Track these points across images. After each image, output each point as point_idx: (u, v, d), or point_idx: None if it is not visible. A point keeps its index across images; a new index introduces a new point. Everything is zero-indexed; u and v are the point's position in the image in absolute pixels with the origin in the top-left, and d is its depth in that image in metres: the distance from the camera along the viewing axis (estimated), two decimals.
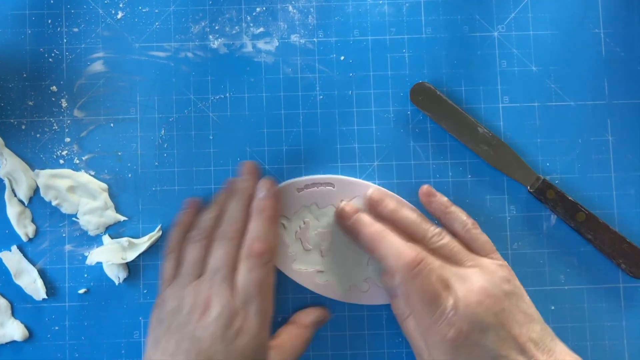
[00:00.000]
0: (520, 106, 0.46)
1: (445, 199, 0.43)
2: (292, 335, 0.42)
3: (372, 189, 0.43)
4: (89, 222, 0.44)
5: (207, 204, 0.43)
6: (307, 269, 0.44)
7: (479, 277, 0.38)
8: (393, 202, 0.43)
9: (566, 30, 0.46)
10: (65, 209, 0.45)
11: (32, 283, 0.44)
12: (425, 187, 0.43)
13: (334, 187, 0.44)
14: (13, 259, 0.44)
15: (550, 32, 0.46)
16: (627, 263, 0.44)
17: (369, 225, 0.41)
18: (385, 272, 0.41)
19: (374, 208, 0.43)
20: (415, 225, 0.41)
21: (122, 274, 0.44)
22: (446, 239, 0.41)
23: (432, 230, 0.41)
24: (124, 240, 0.44)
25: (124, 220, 0.44)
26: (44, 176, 0.44)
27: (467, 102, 0.46)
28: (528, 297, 0.40)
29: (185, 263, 0.41)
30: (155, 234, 0.44)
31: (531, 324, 0.38)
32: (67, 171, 0.45)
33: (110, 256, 0.44)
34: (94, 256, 0.44)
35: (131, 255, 0.44)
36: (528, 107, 0.46)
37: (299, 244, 0.44)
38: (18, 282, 0.44)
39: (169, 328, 0.38)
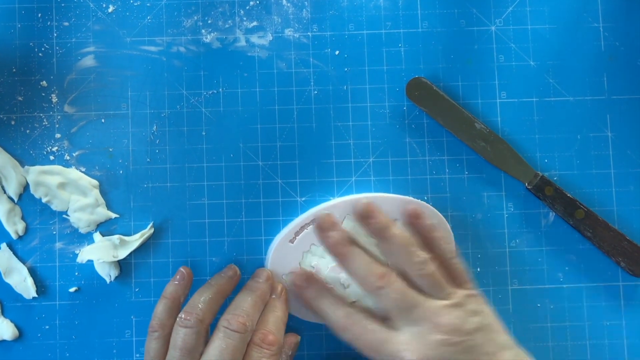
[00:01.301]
0: (518, 101, 0.46)
1: (429, 222, 0.42)
2: None
3: (365, 200, 0.42)
4: (80, 219, 0.44)
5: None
6: None
7: (446, 313, 0.38)
8: (384, 218, 0.41)
9: (565, 24, 0.47)
10: (56, 206, 0.44)
11: (22, 281, 0.44)
12: (412, 209, 0.42)
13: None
14: (2, 256, 0.44)
15: (548, 26, 0.47)
16: (627, 261, 0.45)
17: (341, 245, 0.41)
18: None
19: (364, 220, 0.42)
20: (404, 248, 0.41)
21: (114, 272, 0.44)
22: (430, 269, 0.40)
23: (418, 256, 0.40)
24: (116, 237, 0.43)
25: (115, 218, 0.44)
26: (33, 173, 0.44)
27: (464, 98, 0.46)
28: (499, 325, 0.39)
29: (176, 350, 0.38)
30: (147, 232, 0.44)
31: (502, 352, 0.38)
32: (57, 168, 0.44)
33: (102, 254, 0.43)
34: (85, 254, 0.43)
35: (123, 253, 0.43)
36: (526, 102, 0.46)
37: None
38: (8, 280, 0.44)
39: None
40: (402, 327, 0.39)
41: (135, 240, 0.44)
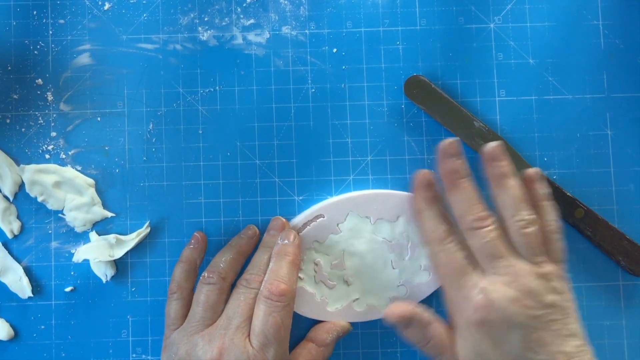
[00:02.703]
0: (517, 100, 0.46)
1: (545, 190, 0.41)
2: (311, 354, 0.42)
3: (494, 144, 0.42)
4: (76, 218, 0.44)
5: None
6: (342, 304, 0.44)
7: (530, 277, 0.38)
8: (508, 166, 0.41)
9: (564, 22, 0.47)
10: (51, 205, 0.44)
11: (17, 281, 0.44)
12: (531, 171, 0.42)
13: (324, 217, 0.43)
14: None
15: (547, 23, 0.47)
16: (627, 260, 0.45)
17: (457, 175, 0.41)
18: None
19: (489, 161, 0.42)
20: (516, 200, 0.40)
21: (110, 272, 0.44)
22: (532, 230, 0.40)
23: (526, 213, 0.40)
24: (112, 237, 0.44)
25: (111, 217, 0.44)
26: (29, 171, 0.44)
27: (462, 96, 0.46)
28: (575, 313, 0.39)
29: (199, 306, 0.40)
30: (143, 231, 0.44)
31: (569, 338, 0.38)
32: (53, 166, 0.45)
33: (97, 253, 0.43)
34: (81, 253, 0.44)
35: (119, 253, 0.43)
36: (525, 100, 0.46)
37: (322, 286, 0.44)
38: (3, 280, 0.44)
39: None
40: (484, 271, 0.39)
41: (132, 240, 0.44)
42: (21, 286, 0.44)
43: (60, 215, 0.44)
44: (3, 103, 0.45)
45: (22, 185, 0.44)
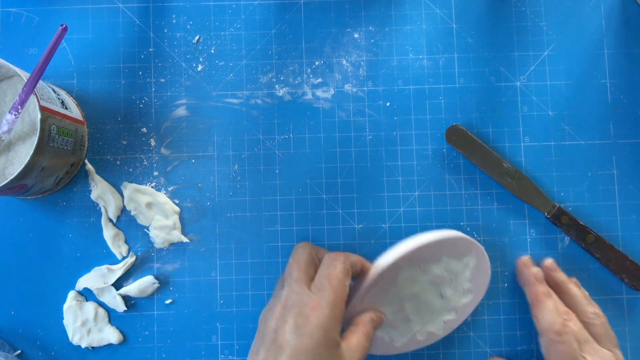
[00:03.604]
0: (539, 145, 0.49)
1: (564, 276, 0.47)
2: (357, 334, 0.42)
3: (549, 259, 0.47)
4: (157, 236, 0.49)
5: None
6: (407, 338, 0.46)
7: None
8: (563, 274, 0.47)
9: (577, 80, 0.50)
10: (141, 221, 0.49)
11: (112, 299, 0.49)
12: (549, 262, 0.48)
13: (383, 278, 0.44)
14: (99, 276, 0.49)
15: (564, 82, 0.50)
16: (630, 278, 0.48)
17: (538, 284, 0.45)
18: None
19: (547, 274, 0.47)
20: (580, 299, 0.45)
21: (121, 307, 0.49)
22: (602, 320, 0.44)
23: (591, 308, 0.45)
24: (104, 267, 0.49)
25: (192, 241, 0.49)
26: (129, 189, 0.49)
27: (493, 142, 0.49)
28: None
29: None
30: (129, 260, 0.49)
31: None
32: (149, 189, 0.49)
33: (94, 282, 0.48)
34: (82, 283, 0.49)
35: (111, 280, 0.48)
36: (545, 145, 0.49)
37: (388, 329, 0.46)
38: (101, 299, 0.49)
39: (258, 333, 0.41)
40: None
41: (119, 269, 0.49)
42: (116, 303, 0.49)
43: (145, 230, 0.49)
44: (114, 147, 0.50)
45: (123, 210, 0.49)
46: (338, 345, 0.39)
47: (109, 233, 0.50)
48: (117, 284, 0.50)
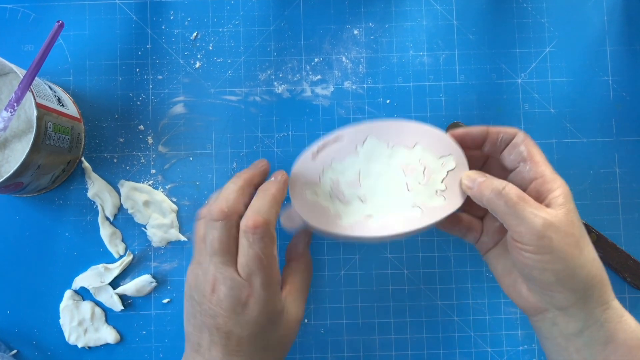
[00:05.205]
0: (540, 142, 0.49)
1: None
2: (296, 270, 0.43)
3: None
4: (155, 234, 0.49)
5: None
6: (355, 219, 0.42)
7: None
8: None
9: (579, 77, 0.50)
10: (138, 219, 0.49)
11: (109, 298, 0.49)
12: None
13: (344, 140, 0.43)
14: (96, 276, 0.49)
15: (566, 79, 0.50)
16: (632, 277, 0.48)
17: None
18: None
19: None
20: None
21: (118, 306, 0.49)
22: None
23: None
24: (100, 266, 0.48)
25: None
26: (126, 187, 0.49)
27: None
28: None
29: (195, 240, 0.40)
30: (126, 259, 0.49)
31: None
32: (146, 187, 0.49)
33: (91, 281, 0.48)
34: (78, 282, 0.49)
35: (107, 279, 0.48)
36: (547, 143, 0.49)
37: (336, 201, 0.42)
38: (98, 298, 0.49)
39: (192, 303, 0.39)
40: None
41: (116, 268, 0.48)
42: (113, 302, 0.49)
43: (143, 228, 0.49)
44: (111, 145, 0.50)
45: (120, 208, 0.49)
46: (282, 310, 0.39)
47: (105, 232, 0.50)
48: (114, 283, 0.49)
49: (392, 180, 0.42)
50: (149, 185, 0.50)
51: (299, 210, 0.42)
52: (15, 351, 0.49)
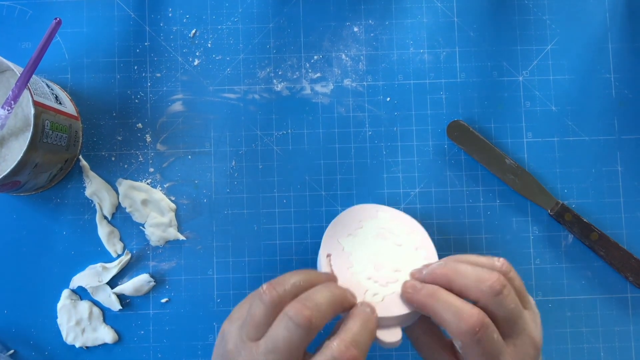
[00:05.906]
0: (542, 141, 0.49)
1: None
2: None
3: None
4: (153, 233, 0.49)
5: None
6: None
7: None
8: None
9: (581, 75, 0.50)
10: (136, 218, 0.49)
11: (107, 297, 0.49)
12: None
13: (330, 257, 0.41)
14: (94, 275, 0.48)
15: (567, 76, 0.50)
16: (634, 276, 0.47)
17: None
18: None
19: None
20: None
21: (116, 306, 0.48)
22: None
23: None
24: (98, 265, 0.48)
25: (190, 239, 0.48)
26: (124, 185, 0.49)
27: (496, 137, 0.49)
28: None
29: (249, 317, 0.35)
30: (124, 258, 0.48)
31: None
32: (144, 185, 0.49)
33: (89, 280, 0.48)
34: (76, 281, 0.48)
35: (105, 278, 0.48)
36: (548, 141, 0.49)
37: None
38: (96, 298, 0.48)
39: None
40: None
41: (114, 267, 0.48)
42: (111, 301, 0.48)
43: (141, 227, 0.49)
44: (109, 144, 0.49)
45: (118, 207, 0.49)
46: None
47: (103, 230, 0.49)
48: (112, 283, 0.49)
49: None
50: (147, 183, 0.50)
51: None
52: (12, 351, 0.49)
